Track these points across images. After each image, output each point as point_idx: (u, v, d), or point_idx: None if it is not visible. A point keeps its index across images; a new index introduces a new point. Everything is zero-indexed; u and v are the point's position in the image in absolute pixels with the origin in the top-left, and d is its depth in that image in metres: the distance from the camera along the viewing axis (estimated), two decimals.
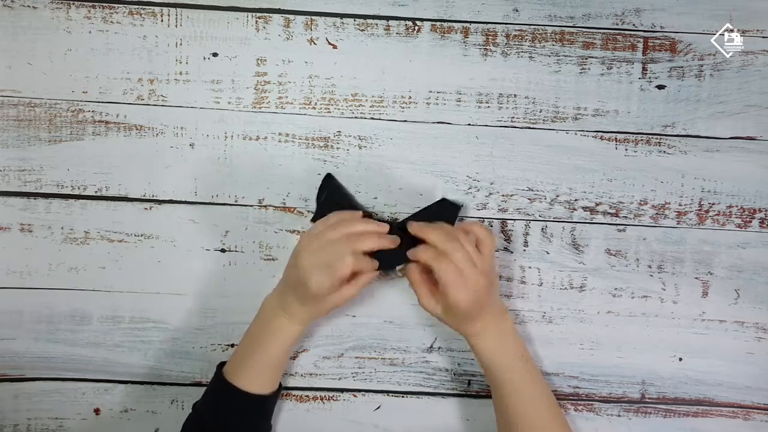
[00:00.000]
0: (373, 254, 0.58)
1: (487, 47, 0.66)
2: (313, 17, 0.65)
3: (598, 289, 0.68)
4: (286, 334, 0.60)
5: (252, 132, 0.66)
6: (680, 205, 0.67)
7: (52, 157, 0.66)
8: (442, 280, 0.55)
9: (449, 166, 0.67)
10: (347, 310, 0.67)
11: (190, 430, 0.60)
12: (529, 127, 0.66)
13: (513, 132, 0.66)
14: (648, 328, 0.68)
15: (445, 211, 0.63)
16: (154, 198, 0.67)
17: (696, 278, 0.67)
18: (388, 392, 0.68)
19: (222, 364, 0.63)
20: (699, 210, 0.67)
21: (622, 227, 0.67)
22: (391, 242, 0.58)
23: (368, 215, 0.62)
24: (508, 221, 0.67)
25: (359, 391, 0.68)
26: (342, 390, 0.68)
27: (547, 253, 0.67)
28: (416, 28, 0.66)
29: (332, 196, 0.63)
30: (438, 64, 0.66)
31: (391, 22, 0.66)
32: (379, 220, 0.63)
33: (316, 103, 0.66)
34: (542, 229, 0.67)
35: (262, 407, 0.63)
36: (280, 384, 0.64)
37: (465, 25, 0.66)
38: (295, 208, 0.67)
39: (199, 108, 0.66)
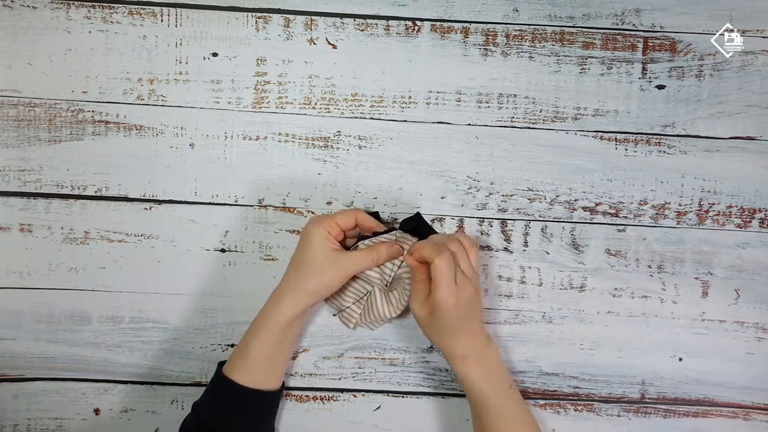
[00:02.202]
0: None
1: (487, 47, 0.66)
2: (313, 17, 0.65)
3: (598, 289, 0.68)
4: (273, 327, 0.59)
5: (252, 132, 0.66)
6: (680, 205, 0.67)
7: (52, 157, 0.66)
8: (437, 274, 0.55)
9: (449, 166, 0.67)
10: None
11: (189, 427, 0.60)
12: (529, 127, 0.66)
13: (513, 132, 0.66)
14: (648, 328, 0.68)
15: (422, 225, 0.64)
16: (154, 198, 0.67)
17: (696, 278, 0.67)
18: (388, 392, 0.68)
19: (223, 363, 0.63)
20: (699, 210, 0.67)
21: (622, 227, 0.67)
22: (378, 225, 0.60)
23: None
24: (508, 221, 0.67)
25: (359, 391, 0.68)
26: (342, 390, 0.68)
27: (547, 253, 0.67)
28: (416, 28, 0.66)
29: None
30: (438, 64, 0.66)
31: (391, 22, 0.66)
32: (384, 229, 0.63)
33: (316, 103, 0.66)
34: (542, 229, 0.67)
35: (260, 404, 0.62)
36: (283, 383, 0.64)
37: (465, 25, 0.66)
38: (295, 208, 0.67)
39: (199, 108, 0.66)
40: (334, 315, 0.67)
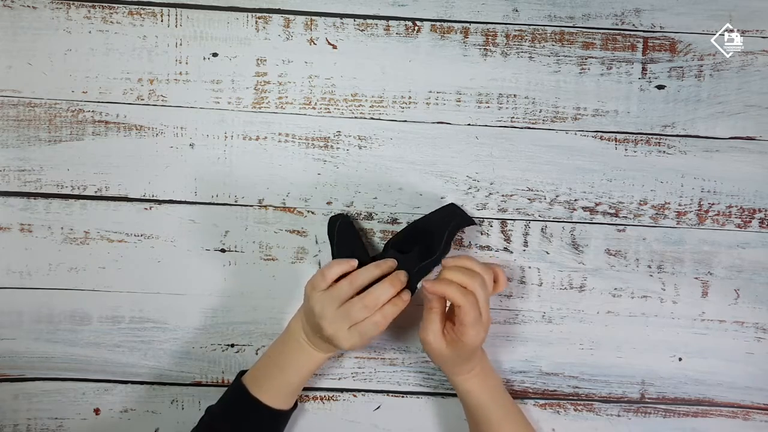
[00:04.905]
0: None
1: (487, 47, 0.66)
2: (313, 17, 0.65)
3: (597, 289, 0.68)
4: (312, 363, 0.61)
5: (252, 132, 0.66)
6: (680, 205, 0.67)
7: (52, 157, 0.66)
8: (466, 319, 0.55)
9: (449, 166, 0.67)
10: None
11: None
12: (529, 127, 0.66)
13: (513, 132, 0.66)
14: (648, 328, 0.68)
15: (451, 217, 0.63)
16: (154, 198, 0.67)
17: (696, 278, 0.67)
18: (388, 392, 0.68)
19: (241, 373, 0.63)
20: (699, 210, 0.67)
21: (621, 227, 0.67)
22: (403, 303, 0.58)
23: (372, 259, 0.61)
24: (508, 221, 0.67)
25: (359, 391, 0.68)
26: (342, 390, 0.68)
27: (547, 253, 0.67)
28: (416, 28, 0.66)
29: (342, 244, 0.62)
30: (438, 64, 0.66)
31: (391, 22, 0.66)
32: (390, 232, 0.63)
33: (316, 103, 0.66)
34: (542, 229, 0.67)
35: (283, 422, 0.64)
36: (296, 401, 0.65)
37: (465, 25, 0.66)
38: (294, 208, 0.67)
39: (199, 108, 0.66)
40: None
